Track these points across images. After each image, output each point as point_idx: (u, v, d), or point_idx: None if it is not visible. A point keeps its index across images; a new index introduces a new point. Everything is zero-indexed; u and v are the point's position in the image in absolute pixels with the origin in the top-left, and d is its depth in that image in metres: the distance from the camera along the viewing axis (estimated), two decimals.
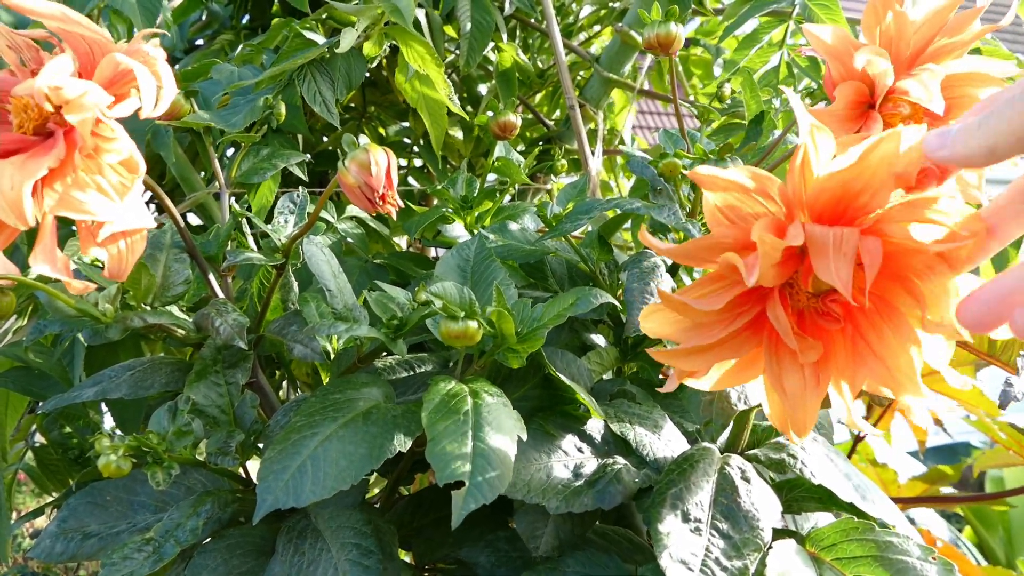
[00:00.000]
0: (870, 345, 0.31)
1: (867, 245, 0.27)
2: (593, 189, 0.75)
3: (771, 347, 0.30)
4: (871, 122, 0.38)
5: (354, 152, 0.36)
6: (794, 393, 0.30)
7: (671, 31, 0.42)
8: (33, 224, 0.29)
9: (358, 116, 0.99)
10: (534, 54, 1.05)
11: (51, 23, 0.33)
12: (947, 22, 0.37)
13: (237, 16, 0.97)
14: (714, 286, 0.30)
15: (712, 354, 0.30)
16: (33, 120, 0.32)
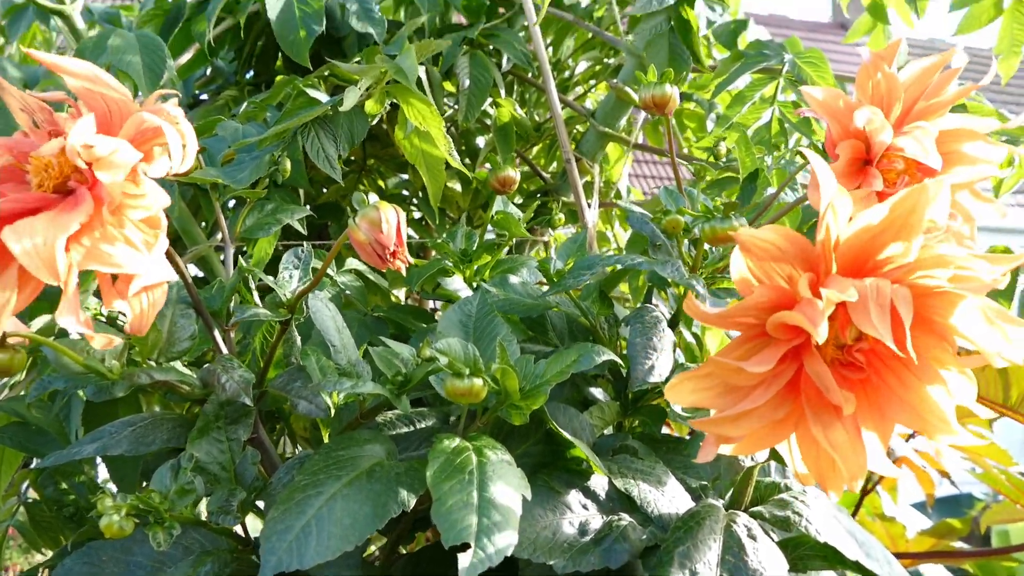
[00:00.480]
0: (895, 391, 0.32)
1: (899, 294, 0.29)
2: (590, 241, 0.76)
3: (811, 403, 0.31)
4: (870, 178, 0.39)
5: (365, 209, 0.36)
6: (841, 446, 0.30)
7: (666, 92, 0.43)
8: (63, 279, 0.29)
9: (358, 169, 1.01)
10: (531, 108, 1.08)
11: (79, 82, 0.33)
12: (931, 82, 0.39)
13: (241, 71, 0.99)
14: (746, 347, 0.31)
15: (754, 417, 0.31)
16: (54, 179, 0.32)
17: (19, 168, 0.35)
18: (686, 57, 0.63)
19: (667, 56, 0.63)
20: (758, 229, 0.29)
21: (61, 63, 0.34)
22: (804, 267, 0.30)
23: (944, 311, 0.31)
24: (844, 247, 0.30)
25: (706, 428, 0.31)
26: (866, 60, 0.37)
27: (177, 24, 0.82)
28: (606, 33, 0.92)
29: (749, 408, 0.31)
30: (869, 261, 0.31)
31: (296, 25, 0.71)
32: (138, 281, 0.30)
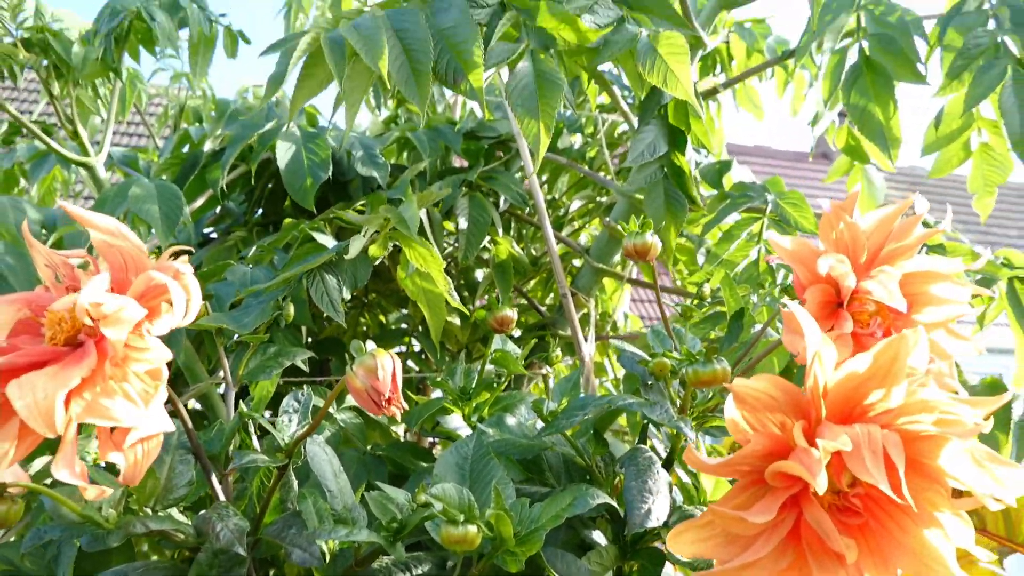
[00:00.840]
0: (894, 535, 0.32)
1: (890, 440, 0.30)
2: (587, 375, 0.77)
3: (813, 551, 0.31)
4: (841, 320, 0.41)
5: (361, 357, 0.38)
6: None
7: (647, 241, 0.46)
8: (60, 432, 0.30)
9: (359, 304, 1.03)
10: (528, 243, 1.12)
11: (101, 235, 0.36)
12: (893, 228, 0.41)
13: (250, 211, 1.03)
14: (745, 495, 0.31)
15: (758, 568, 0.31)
16: (66, 332, 0.34)
17: (36, 321, 0.36)
18: (682, 202, 0.67)
19: (664, 202, 0.66)
20: (751, 379, 0.31)
21: (87, 217, 0.37)
22: (796, 414, 0.31)
23: (932, 454, 0.32)
24: (832, 394, 0.31)
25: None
26: (827, 212, 0.40)
27: (193, 171, 0.87)
28: (598, 175, 0.97)
29: (752, 559, 0.31)
30: (856, 406, 0.32)
31: (304, 173, 0.76)
32: (134, 433, 0.31)
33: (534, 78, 0.41)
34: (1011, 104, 0.63)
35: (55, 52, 0.69)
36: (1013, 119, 0.63)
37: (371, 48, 0.39)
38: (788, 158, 7.25)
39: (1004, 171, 0.84)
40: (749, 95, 1.19)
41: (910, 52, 0.66)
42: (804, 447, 0.30)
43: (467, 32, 0.41)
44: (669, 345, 0.45)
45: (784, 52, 0.91)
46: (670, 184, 0.66)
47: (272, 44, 0.42)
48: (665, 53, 0.45)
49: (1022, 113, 0.63)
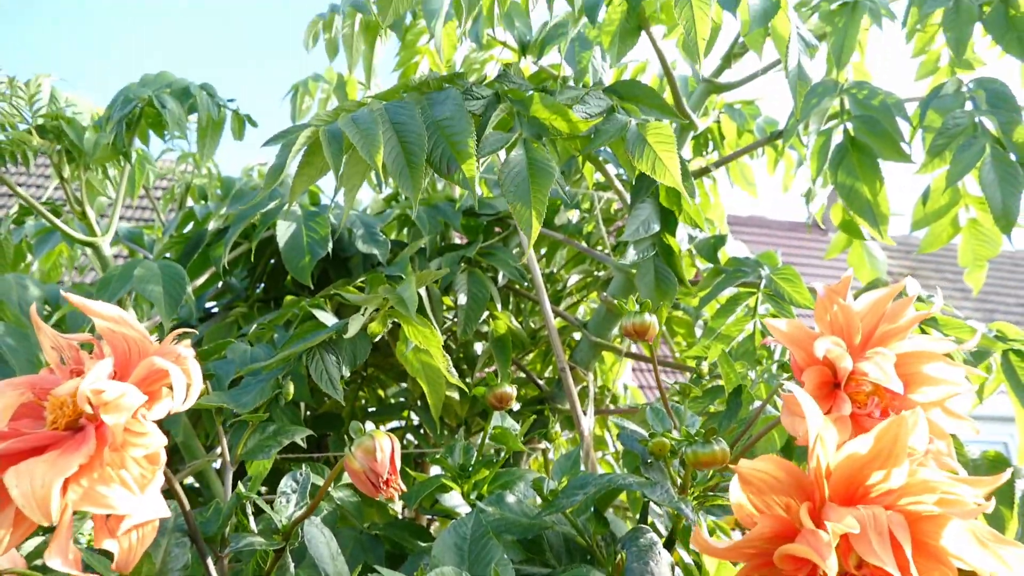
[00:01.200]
0: None
1: (895, 521, 0.30)
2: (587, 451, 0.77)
3: None
4: (840, 402, 0.41)
5: (360, 439, 0.38)
6: None
7: (646, 321, 0.47)
8: (56, 521, 0.30)
9: (358, 378, 1.03)
10: (526, 317, 1.13)
11: (104, 323, 0.36)
12: (886, 310, 0.42)
13: (252, 287, 1.05)
14: None
15: None
16: (67, 417, 0.34)
17: (38, 405, 0.37)
18: (672, 280, 0.68)
19: (654, 280, 0.68)
20: (755, 461, 0.31)
21: (90, 306, 0.38)
22: (800, 495, 0.32)
23: (936, 535, 0.32)
24: (835, 475, 0.32)
25: None
26: (821, 295, 0.41)
27: (197, 249, 0.88)
28: (595, 251, 0.99)
29: None
30: (859, 487, 0.32)
31: (303, 251, 0.77)
32: (128, 521, 0.31)
33: (527, 166, 0.43)
34: (991, 180, 0.65)
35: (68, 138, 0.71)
36: (995, 195, 0.65)
37: (368, 142, 0.41)
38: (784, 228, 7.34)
39: (993, 246, 0.86)
40: (743, 172, 1.22)
41: (893, 132, 0.69)
42: (811, 529, 0.30)
43: (461, 124, 0.43)
44: (668, 424, 0.45)
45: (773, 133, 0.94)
46: (660, 262, 0.68)
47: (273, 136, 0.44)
48: (654, 142, 0.47)
49: (1003, 189, 0.65)
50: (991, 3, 0.68)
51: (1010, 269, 7.32)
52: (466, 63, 1.07)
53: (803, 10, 0.80)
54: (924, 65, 0.93)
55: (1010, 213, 0.65)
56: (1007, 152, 0.66)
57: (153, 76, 0.80)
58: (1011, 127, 0.66)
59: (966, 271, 0.89)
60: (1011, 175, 0.64)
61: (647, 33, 0.75)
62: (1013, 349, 0.65)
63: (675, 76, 0.83)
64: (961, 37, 0.68)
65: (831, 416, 0.39)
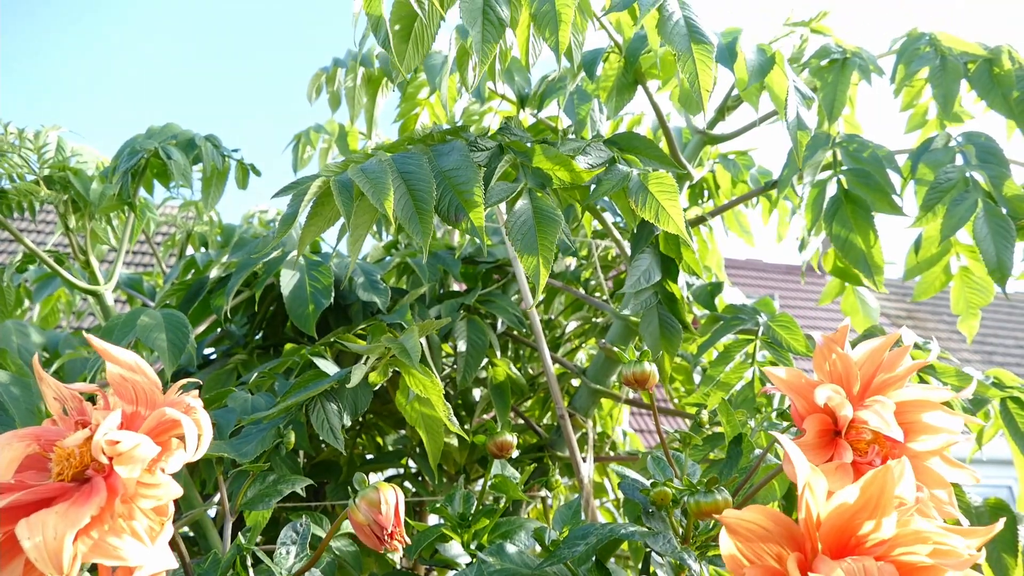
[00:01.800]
0: None
1: (886, 573, 0.30)
2: (587, 498, 0.76)
3: None
4: (840, 449, 0.41)
5: (365, 491, 0.38)
6: None
7: (646, 370, 0.47)
8: (67, 573, 0.30)
9: (357, 424, 1.03)
10: (525, 363, 1.13)
11: (119, 369, 0.37)
12: (883, 359, 0.43)
13: (251, 333, 1.05)
14: None
15: None
16: (74, 468, 0.34)
17: (43, 456, 0.37)
18: (677, 327, 0.69)
19: (659, 327, 0.68)
20: (743, 511, 0.31)
21: (109, 350, 0.38)
22: (791, 545, 0.32)
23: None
24: (826, 525, 0.32)
25: None
26: (819, 344, 0.41)
27: (198, 297, 0.89)
28: (593, 298, 1.00)
29: None
30: (851, 537, 0.32)
31: (307, 300, 0.78)
32: (139, 573, 0.31)
33: (532, 215, 0.44)
34: (984, 234, 0.67)
35: (74, 188, 0.72)
36: (988, 248, 0.66)
37: (378, 190, 0.42)
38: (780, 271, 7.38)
39: (985, 294, 0.87)
40: (739, 220, 1.24)
41: (885, 185, 0.70)
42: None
43: (469, 174, 0.44)
44: (669, 473, 0.45)
45: (767, 183, 0.96)
46: (664, 310, 0.69)
47: (283, 188, 0.45)
48: (656, 191, 0.48)
49: (996, 243, 0.66)
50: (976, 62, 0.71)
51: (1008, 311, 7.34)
52: (465, 115, 1.10)
53: (794, 66, 0.82)
54: (913, 118, 0.95)
55: (1004, 266, 0.66)
56: (998, 206, 0.67)
57: (159, 128, 0.81)
58: (1001, 181, 0.68)
59: (959, 319, 0.90)
60: (1003, 228, 0.66)
61: (643, 87, 0.77)
62: (1011, 397, 0.66)
63: (670, 128, 0.85)
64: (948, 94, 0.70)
65: (832, 464, 0.39)
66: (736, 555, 0.31)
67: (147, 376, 0.36)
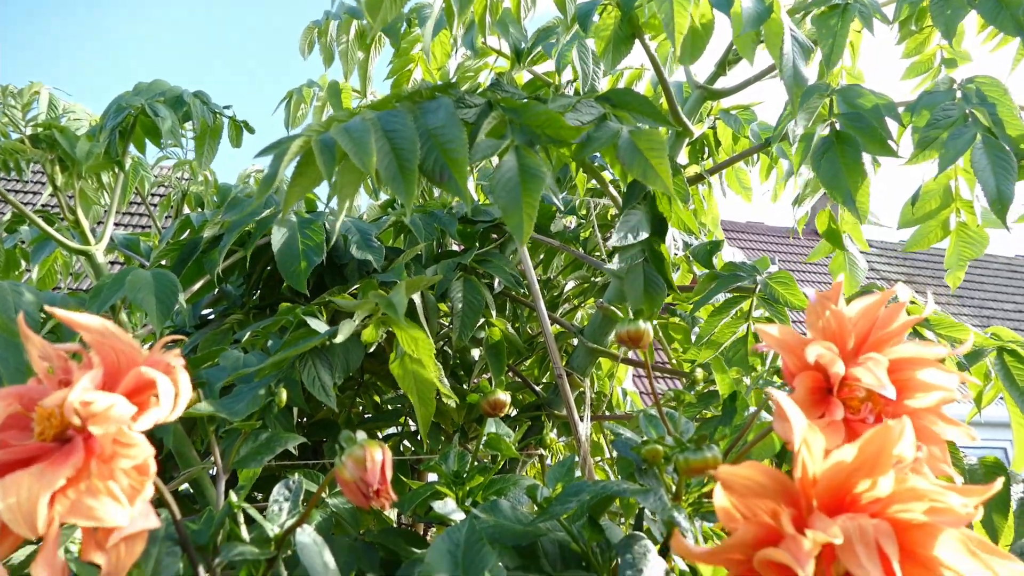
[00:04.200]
0: None
1: (881, 530, 0.29)
2: (584, 456, 0.77)
3: None
4: (833, 407, 0.41)
5: (351, 448, 0.38)
6: None
7: (640, 328, 0.47)
8: (42, 533, 0.30)
9: (355, 384, 1.03)
10: (523, 323, 1.13)
11: (90, 335, 0.36)
12: (878, 315, 0.42)
13: (248, 294, 1.04)
14: None
15: None
16: (55, 428, 0.34)
17: (25, 416, 0.37)
18: (661, 285, 0.68)
19: (643, 285, 0.67)
20: (738, 466, 0.31)
21: (75, 319, 0.37)
22: (786, 502, 0.31)
23: (926, 544, 0.31)
24: (822, 482, 0.31)
25: None
26: (812, 301, 0.41)
27: (193, 256, 0.88)
28: (590, 257, 0.99)
29: None
30: (847, 495, 0.32)
31: (298, 257, 0.77)
32: (117, 533, 0.31)
33: (518, 171, 0.43)
34: (984, 165, 0.65)
35: (61, 147, 0.71)
36: (988, 180, 0.64)
37: (360, 150, 0.41)
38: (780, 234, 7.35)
39: (978, 247, 0.86)
40: (738, 177, 1.22)
41: (879, 127, 0.68)
42: (793, 535, 0.30)
43: (454, 132, 0.43)
44: (662, 430, 0.45)
45: (767, 139, 0.94)
46: (650, 267, 0.68)
47: (265, 147, 0.44)
48: (645, 149, 0.47)
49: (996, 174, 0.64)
50: None
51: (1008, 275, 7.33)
52: (460, 71, 1.08)
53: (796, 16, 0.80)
54: (916, 65, 0.92)
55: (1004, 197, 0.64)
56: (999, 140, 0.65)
57: (147, 84, 0.80)
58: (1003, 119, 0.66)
59: (948, 271, 0.89)
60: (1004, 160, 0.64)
61: (641, 41, 0.75)
62: (1008, 349, 0.65)
63: (670, 83, 0.83)
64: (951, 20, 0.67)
65: (823, 421, 0.39)
66: (730, 510, 0.31)
67: (119, 339, 0.36)
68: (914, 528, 0.31)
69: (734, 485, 0.31)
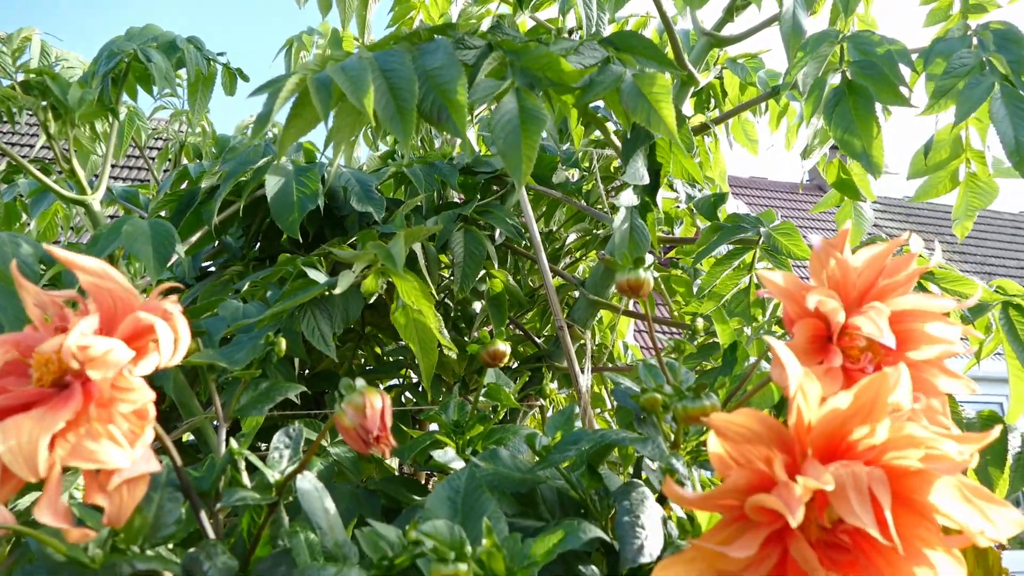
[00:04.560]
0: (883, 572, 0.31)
1: (875, 477, 0.29)
2: (584, 407, 0.77)
3: None
4: (831, 355, 0.41)
5: (350, 395, 0.38)
6: None
7: (640, 276, 0.46)
8: (43, 476, 0.30)
9: (356, 336, 1.03)
10: (524, 275, 1.12)
11: (88, 278, 0.36)
12: (885, 265, 0.41)
13: (248, 246, 1.04)
14: (730, 530, 0.31)
15: None
16: (53, 374, 0.34)
17: (23, 363, 0.36)
18: (645, 235, 0.67)
19: (628, 230, 0.67)
20: (732, 413, 0.31)
21: (73, 260, 0.37)
22: (780, 448, 0.31)
23: (920, 490, 0.31)
24: (816, 429, 0.31)
25: None
26: (817, 249, 0.40)
27: (190, 207, 0.87)
28: (593, 208, 0.98)
29: None
30: (842, 442, 0.32)
31: (292, 205, 0.76)
32: (118, 476, 0.31)
33: (517, 113, 0.42)
34: (1002, 115, 0.63)
35: (53, 94, 0.70)
36: (1006, 130, 0.63)
37: (357, 88, 0.40)
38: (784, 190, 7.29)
39: (988, 198, 0.84)
40: (744, 129, 1.20)
41: (892, 76, 0.66)
42: (785, 481, 0.30)
43: (452, 73, 0.41)
44: (661, 379, 0.45)
45: (775, 87, 0.92)
46: (636, 217, 0.67)
47: (260, 86, 0.43)
48: (649, 93, 0.46)
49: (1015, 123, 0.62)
50: None
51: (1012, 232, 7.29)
52: (462, 17, 1.05)
53: None
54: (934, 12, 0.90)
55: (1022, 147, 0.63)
56: (1017, 89, 0.64)
57: (139, 29, 0.78)
58: (1021, 66, 0.64)
59: (956, 222, 0.88)
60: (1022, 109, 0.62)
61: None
62: (1013, 304, 0.64)
63: (676, 30, 0.81)
64: None
65: (820, 368, 0.38)
66: (724, 457, 0.31)
67: (118, 283, 0.35)
68: (909, 475, 0.31)
69: (728, 432, 0.30)
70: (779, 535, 0.31)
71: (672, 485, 0.30)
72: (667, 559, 0.31)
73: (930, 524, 0.31)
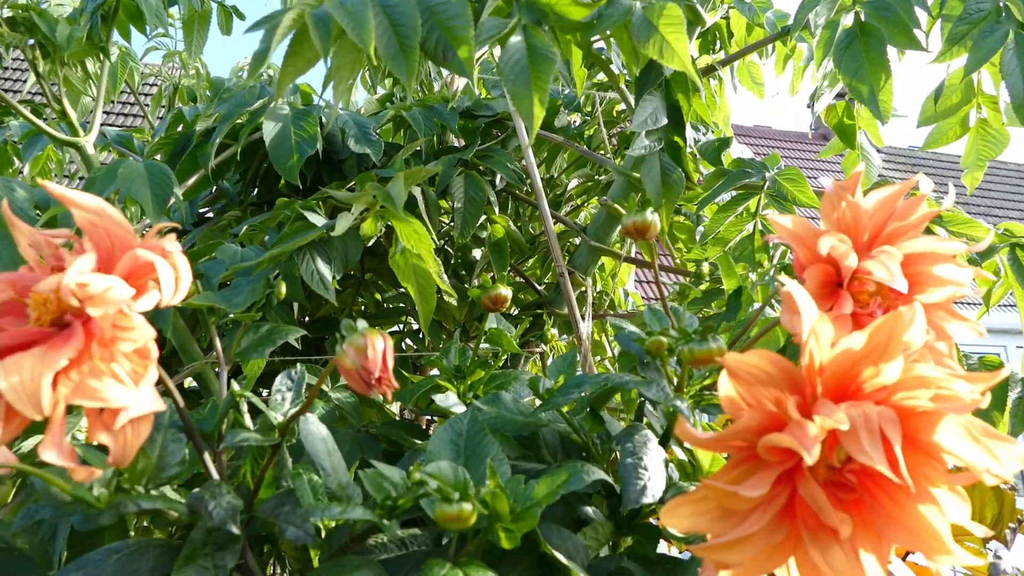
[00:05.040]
0: (889, 511, 0.32)
1: (886, 417, 0.29)
2: (585, 353, 0.77)
3: (808, 526, 0.31)
4: (841, 300, 0.40)
5: (352, 336, 0.37)
6: (841, 569, 0.30)
7: (647, 219, 0.45)
8: (48, 414, 0.30)
9: (356, 283, 1.03)
10: (525, 222, 1.11)
11: (85, 215, 0.35)
12: (896, 208, 0.41)
13: (245, 192, 1.03)
14: (739, 470, 0.31)
15: (752, 542, 0.30)
16: (51, 313, 0.34)
17: (20, 302, 0.36)
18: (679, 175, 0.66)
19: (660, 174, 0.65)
20: (744, 354, 0.30)
21: (70, 196, 0.36)
22: (791, 390, 0.31)
23: (928, 430, 0.31)
24: (828, 371, 0.31)
25: (703, 554, 0.31)
26: (829, 191, 0.39)
27: (186, 151, 0.86)
28: (595, 154, 0.96)
29: (746, 533, 0.30)
30: (852, 383, 0.32)
31: (291, 149, 0.75)
32: (124, 415, 0.31)
33: (526, 52, 0.40)
34: (1013, 67, 0.62)
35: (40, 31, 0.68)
36: (1016, 82, 0.62)
37: (358, 24, 0.38)
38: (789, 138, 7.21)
39: (998, 146, 0.83)
40: (750, 72, 1.18)
41: (906, 17, 0.65)
42: (799, 420, 0.29)
43: (457, 8, 0.40)
44: (666, 323, 0.44)
45: (784, 28, 0.89)
46: (666, 157, 0.65)
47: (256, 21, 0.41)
48: (661, 25, 0.44)
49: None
50: None
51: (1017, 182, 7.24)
52: None
53: None
54: None
55: None
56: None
57: None
58: None
59: (965, 172, 0.87)
60: None
61: None
62: (1020, 245, 0.64)
63: None
64: None
65: (831, 315, 0.38)
66: (735, 398, 0.31)
67: (115, 220, 0.35)
68: (918, 415, 0.31)
69: (740, 373, 0.30)
70: (788, 476, 0.31)
71: (684, 424, 0.30)
72: (674, 499, 0.31)
73: (936, 463, 0.31)
